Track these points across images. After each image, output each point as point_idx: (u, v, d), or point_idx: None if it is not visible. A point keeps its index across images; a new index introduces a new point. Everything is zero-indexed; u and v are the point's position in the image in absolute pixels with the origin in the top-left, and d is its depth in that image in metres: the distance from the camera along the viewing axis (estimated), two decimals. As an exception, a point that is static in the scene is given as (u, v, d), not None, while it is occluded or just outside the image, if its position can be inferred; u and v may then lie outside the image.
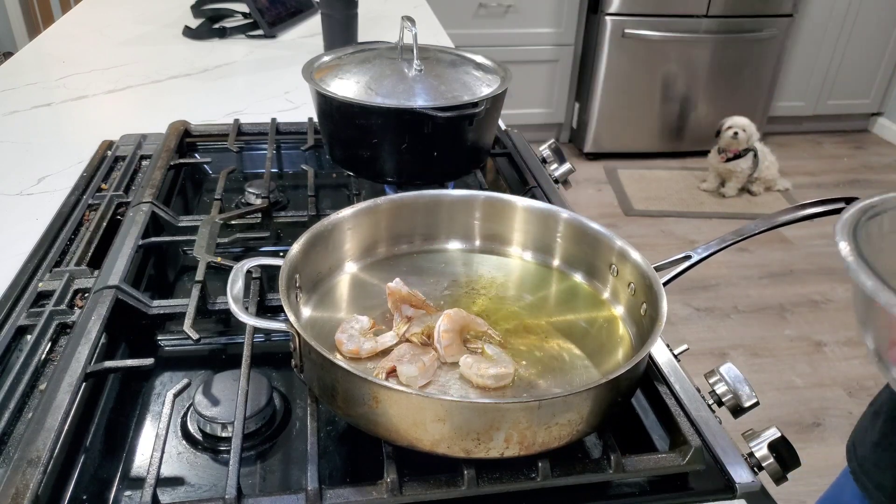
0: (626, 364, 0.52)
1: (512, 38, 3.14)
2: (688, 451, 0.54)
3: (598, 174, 3.28)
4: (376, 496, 0.50)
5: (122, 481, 0.56)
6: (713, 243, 0.66)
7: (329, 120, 0.90)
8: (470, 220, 0.76)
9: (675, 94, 3.26)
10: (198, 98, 1.31)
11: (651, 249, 2.70)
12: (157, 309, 0.70)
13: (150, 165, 0.95)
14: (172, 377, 0.67)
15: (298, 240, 0.65)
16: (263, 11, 1.65)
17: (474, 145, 0.91)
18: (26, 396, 0.60)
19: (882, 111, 3.71)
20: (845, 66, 3.48)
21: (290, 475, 0.57)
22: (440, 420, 0.49)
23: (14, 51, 3.00)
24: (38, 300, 0.72)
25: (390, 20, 1.76)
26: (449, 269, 0.74)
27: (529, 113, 3.34)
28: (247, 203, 0.94)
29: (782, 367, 2.17)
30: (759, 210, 3.02)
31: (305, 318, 0.65)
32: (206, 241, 0.78)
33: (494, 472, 0.52)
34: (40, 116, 1.21)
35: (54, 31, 1.69)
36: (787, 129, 3.69)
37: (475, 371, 0.57)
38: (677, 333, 2.29)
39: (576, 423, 0.51)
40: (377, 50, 0.95)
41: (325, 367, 0.53)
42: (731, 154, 2.97)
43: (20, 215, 0.90)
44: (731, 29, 3.13)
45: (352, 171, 0.93)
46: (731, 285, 2.54)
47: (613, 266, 0.68)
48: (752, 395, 0.60)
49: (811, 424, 1.96)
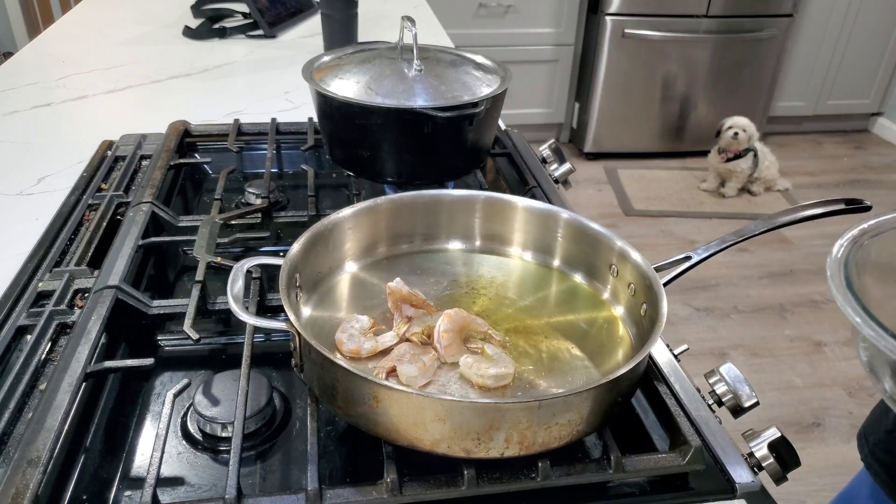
0: (627, 364, 0.52)
1: (512, 38, 3.14)
2: (688, 451, 0.54)
3: (598, 174, 3.28)
4: (376, 496, 0.50)
5: (122, 481, 0.56)
6: (713, 244, 0.66)
7: (329, 120, 0.90)
8: (470, 220, 0.76)
9: (675, 94, 3.26)
10: (198, 98, 1.31)
11: (651, 249, 2.70)
12: (157, 309, 0.70)
13: (150, 165, 0.95)
14: (172, 377, 0.67)
15: (298, 240, 0.65)
16: (263, 11, 1.65)
17: (474, 145, 0.91)
18: (26, 396, 0.60)
19: (882, 111, 3.71)
20: (845, 66, 3.48)
21: (290, 475, 0.57)
22: (440, 420, 0.49)
23: (14, 51, 3.00)
24: (38, 300, 0.72)
25: (390, 20, 1.76)
26: (449, 269, 0.74)
27: (529, 113, 3.34)
28: (247, 203, 0.94)
29: (782, 367, 2.17)
30: (759, 210, 3.02)
31: (305, 318, 0.65)
32: (206, 241, 0.78)
33: (494, 472, 0.52)
34: (40, 116, 1.21)
35: (54, 31, 1.69)
36: (787, 129, 3.69)
37: (475, 371, 0.57)
38: (677, 333, 2.29)
39: (576, 423, 0.51)
40: (377, 50, 0.95)
41: (325, 367, 0.53)
42: (732, 154, 2.97)
43: (20, 215, 0.90)
44: (731, 29, 3.13)
45: (352, 171, 0.93)
46: (731, 285, 2.54)
47: (613, 266, 0.68)
48: (752, 395, 0.60)
49: (811, 424, 1.96)
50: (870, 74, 3.54)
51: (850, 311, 0.48)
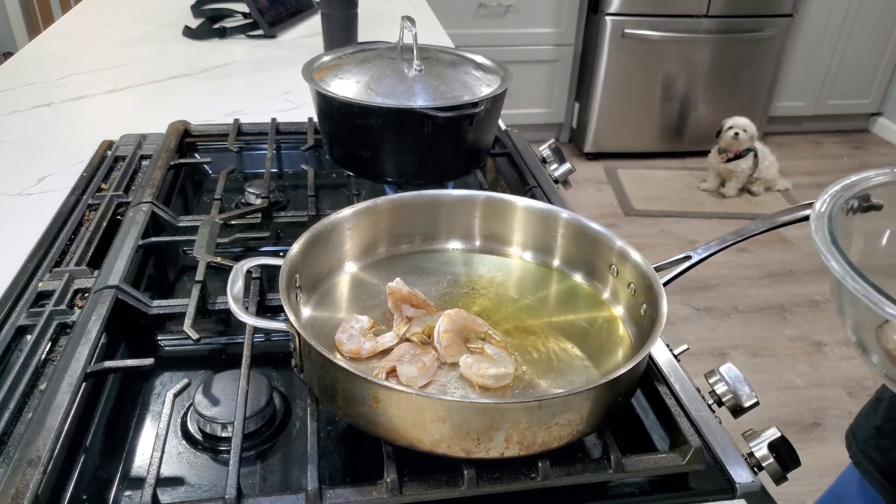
0: (626, 364, 0.52)
1: (512, 38, 3.14)
2: (688, 451, 0.54)
3: (598, 174, 3.28)
4: (376, 496, 0.50)
5: (122, 481, 0.56)
6: (713, 243, 0.66)
7: (329, 120, 0.90)
8: (470, 220, 0.76)
9: (675, 94, 3.26)
10: (198, 98, 1.31)
11: (651, 249, 2.70)
12: (157, 309, 0.70)
13: (150, 165, 0.95)
14: (172, 377, 0.67)
15: (298, 240, 0.64)
16: (263, 11, 1.65)
17: (474, 145, 0.91)
18: (26, 396, 0.60)
19: (882, 111, 3.71)
20: (845, 66, 3.48)
21: (290, 475, 0.57)
22: (440, 420, 0.49)
23: (14, 51, 3.00)
24: (38, 300, 0.72)
25: (390, 20, 1.76)
26: (449, 269, 0.74)
27: (529, 113, 3.34)
28: (247, 203, 0.94)
29: (782, 367, 2.17)
30: (759, 210, 3.02)
31: (305, 318, 0.65)
32: (206, 241, 0.78)
33: (494, 472, 0.52)
34: (40, 116, 1.21)
35: (54, 31, 1.69)
36: (787, 129, 3.69)
37: (475, 371, 0.57)
38: (677, 333, 2.29)
39: (576, 423, 0.51)
40: (377, 50, 0.95)
41: (325, 367, 0.53)
42: (732, 154, 2.97)
43: (20, 215, 0.90)
44: (731, 29, 3.13)
45: (352, 171, 0.93)
46: (731, 285, 2.54)
47: (613, 266, 0.68)
48: (752, 395, 0.60)
49: (811, 424, 1.96)
50: (870, 74, 3.54)
51: (835, 265, 0.47)
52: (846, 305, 0.53)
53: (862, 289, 0.45)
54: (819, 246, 0.49)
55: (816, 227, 0.51)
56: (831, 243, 0.49)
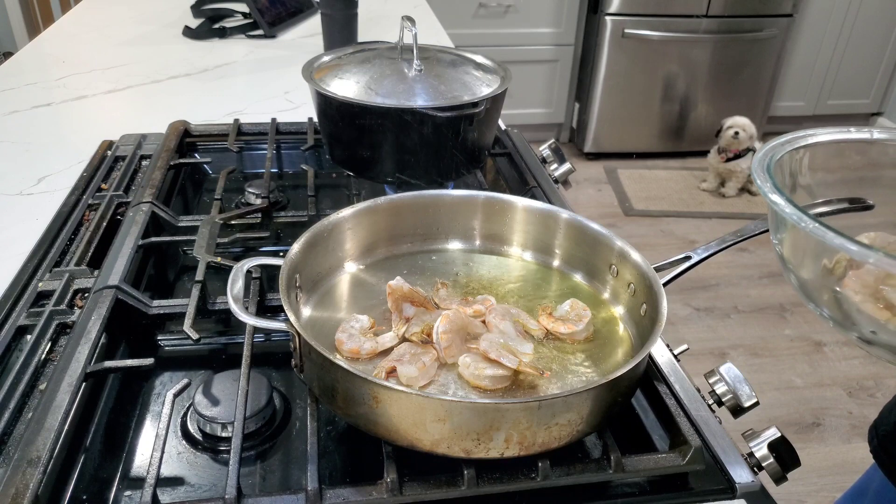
0: (626, 364, 0.52)
1: (512, 38, 3.14)
2: (688, 451, 0.54)
3: (598, 174, 3.28)
4: (376, 496, 0.50)
5: (122, 481, 0.56)
6: (713, 243, 0.66)
7: (329, 120, 0.90)
8: (470, 220, 0.76)
9: (675, 94, 3.26)
10: (198, 98, 1.31)
11: (651, 249, 2.70)
12: (157, 309, 0.70)
13: (150, 165, 0.95)
14: (172, 377, 0.67)
15: (298, 240, 0.65)
16: (263, 11, 1.65)
17: (474, 145, 0.91)
18: (26, 396, 0.60)
19: (882, 111, 3.71)
20: (845, 66, 3.48)
21: (290, 475, 0.57)
22: (440, 420, 0.49)
23: (14, 51, 3.00)
24: (38, 300, 0.72)
25: (390, 20, 1.76)
26: (449, 269, 0.74)
27: (529, 113, 3.34)
28: (247, 203, 0.94)
29: (782, 367, 2.17)
30: (759, 210, 3.02)
31: (305, 318, 0.65)
32: (206, 241, 0.78)
33: (494, 472, 0.52)
34: (40, 116, 1.21)
35: (54, 31, 1.69)
36: (787, 129, 3.62)
37: (472, 371, 0.57)
38: (677, 333, 2.29)
39: (576, 424, 0.51)
40: (377, 50, 0.95)
41: (325, 367, 0.53)
42: (732, 154, 2.97)
43: (20, 215, 0.90)
44: (730, 29, 3.13)
45: (352, 171, 0.93)
46: (731, 285, 2.54)
47: (613, 266, 0.68)
48: (751, 395, 0.60)
49: (811, 424, 1.96)
50: (870, 74, 3.54)
51: (777, 200, 0.47)
52: (792, 248, 0.53)
53: (798, 217, 0.46)
54: (755, 175, 0.50)
55: (755, 168, 0.52)
56: (766, 173, 0.50)
